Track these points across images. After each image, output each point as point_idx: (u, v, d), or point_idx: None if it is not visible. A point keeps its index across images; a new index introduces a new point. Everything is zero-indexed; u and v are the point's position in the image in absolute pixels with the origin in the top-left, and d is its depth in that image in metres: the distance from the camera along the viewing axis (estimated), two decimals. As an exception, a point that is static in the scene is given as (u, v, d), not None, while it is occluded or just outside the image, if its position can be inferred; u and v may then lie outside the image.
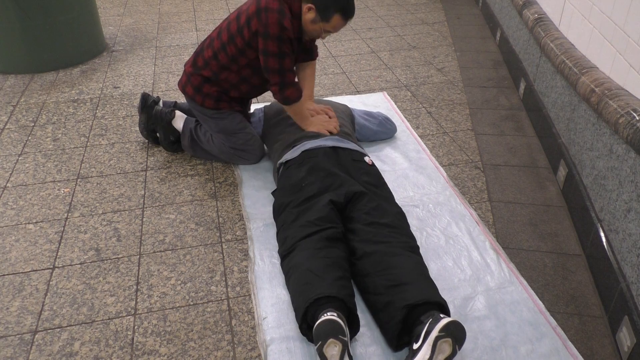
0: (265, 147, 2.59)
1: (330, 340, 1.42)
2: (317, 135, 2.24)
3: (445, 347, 1.41)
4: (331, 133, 2.30)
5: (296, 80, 2.29)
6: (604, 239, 1.90)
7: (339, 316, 1.47)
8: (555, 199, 2.33)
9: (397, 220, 1.88)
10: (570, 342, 1.64)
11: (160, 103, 2.68)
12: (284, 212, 1.95)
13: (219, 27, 2.34)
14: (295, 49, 2.30)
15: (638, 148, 1.68)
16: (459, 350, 1.46)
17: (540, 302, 1.77)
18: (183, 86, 2.44)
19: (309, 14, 2.16)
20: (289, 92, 2.26)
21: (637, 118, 1.73)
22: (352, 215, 1.90)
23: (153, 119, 2.58)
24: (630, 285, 1.67)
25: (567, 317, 1.75)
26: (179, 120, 2.54)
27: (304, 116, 2.35)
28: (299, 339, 1.63)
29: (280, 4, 2.13)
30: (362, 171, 2.08)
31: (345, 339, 1.44)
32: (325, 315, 1.47)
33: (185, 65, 2.46)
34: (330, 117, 2.41)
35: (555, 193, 2.37)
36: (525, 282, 1.85)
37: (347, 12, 2.17)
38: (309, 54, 2.49)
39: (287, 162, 2.14)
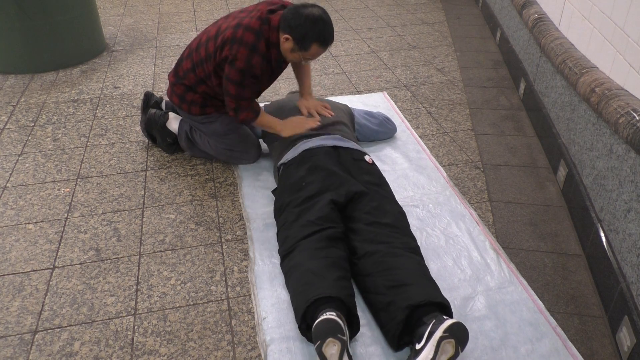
0: (265, 146, 2.59)
1: (329, 339, 1.42)
2: (317, 134, 2.24)
3: (449, 347, 1.41)
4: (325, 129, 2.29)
5: (252, 103, 2.29)
6: (604, 239, 1.90)
7: (338, 316, 1.47)
8: (555, 199, 2.33)
9: (398, 220, 1.88)
10: (570, 342, 1.64)
11: (163, 104, 2.69)
12: (285, 211, 1.95)
13: (199, 40, 2.32)
14: (271, 75, 2.33)
15: (638, 148, 1.68)
16: (461, 352, 1.46)
17: (540, 302, 1.77)
18: (170, 96, 2.46)
19: (286, 44, 2.15)
20: (244, 115, 2.27)
21: (637, 118, 1.73)
22: (353, 214, 1.90)
23: (148, 123, 2.59)
24: (630, 285, 1.67)
25: (567, 317, 1.76)
26: (174, 122, 2.54)
27: (272, 126, 2.33)
28: (299, 339, 1.63)
29: (256, 37, 2.12)
30: (363, 170, 2.07)
31: (344, 338, 1.44)
32: (324, 315, 1.47)
33: (168, 76, 2.47)
34: (316, 116, 2.40)
35: (555, 193, 2.37)
36: (525, 282, 1.85)
37: (325, 41, 2.13)
38: None
39: (287, 161, 2.14)
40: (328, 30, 2.11)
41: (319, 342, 1.43)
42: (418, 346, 1.45)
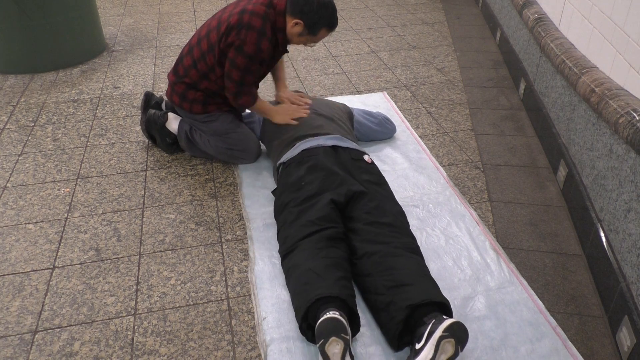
0: (264, 146, 2.59)
1: (333, 338, 1.42)
2: (316, 134, 2.24)
3: (448, 347, 1.41)
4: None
5: (252, 88, 2.34)
6: (604, 239, 1.90)
7: (341, 315, 1.48)
8: (555, 199, 2.33)
9: (397, 220, 1.88)
10: (570, 342, 1.64)
11: (163, 104, 2.68)
12: (285, 211, 1.95)
13: (198, 35, 2.33)
14: (278, 56, 2.36)
15: (638, 148, 1.68)
16: (461, 351, 1.46)
17: (540, 302, 1.77)
18: (169, 96, 2.46)
19: (295, 28, 2.18)
20: (244, 100, 2.32)
21: (637, 118, 1.73)
22: (353, 214, 1.90)
23: (147, 123, 2.59)
24: (630, 285, 1.67)
25: (567, 317, 1.76)
26: (173, 122, 2.53)
27: (266, 111, 2.40)
28: (299, 339, 1.63)
29: (263, 22, 2.14)
30: (362, 170, 2.08)
31: (347, 337, 1.45)
32: (327, 314, 1.47)
33: (168, 75, 2.47)
34: (301, 104, 2.45)
35: (555, 193, 2.37)
36: (525, 282, 1.85)
37: (333, 25, 2.21)
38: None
39: (286, 161, 2.14)
40: (336, 15, 2.20)
41: (322, 340, 1.43)
42: (418, 346, 1.45)
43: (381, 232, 1.81)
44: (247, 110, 2.73)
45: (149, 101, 2.64)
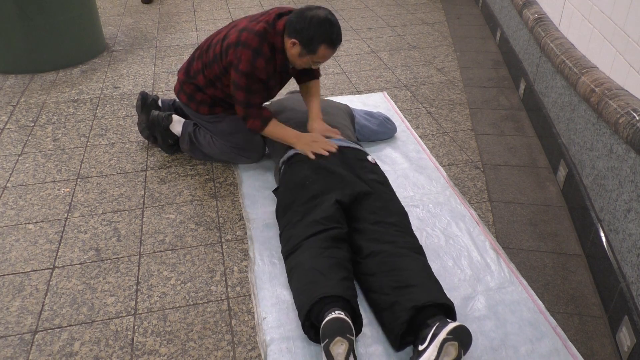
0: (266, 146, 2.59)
1: (338, 338, 1.42)
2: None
3: (452, 350, 1.42)
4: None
5: (261, 110, 2.22)
6: (604, 239, 1.90)
7: (345, 315, 1.48)
8: (555, 199, 2.33)
9: (401, 220, 1.89)
10: (570, 342, 1.64)
11: (159, 102, 2.68)
12: (289, 211, 1.94)
13: (210, 40, 2.31)
14: (280, 81, 2.30)
15: (638, 148, 1.68)
16: (464, 355, 1.46)
17: (540, 302, 1.77)
18: (177, 93, 2.46)
19: (294, 49, 2.09)
20: (250, 124, 2.22)
21: (637, 118, 1.73)
22: (358, 214, 1.90)
23: (150, 124, 2.58)
24: (630, 285, 1.67)
25: (567, 317, 1.76)
26: (177, 125, 2.53)
27: (284, 136, 2.22)
28: (299, 339, 1.63)
29: (260, 41, 2.09)
30: (368, 170, 2.07)
31: (352, 338, 1.45)
32: (332, 313, 1.47)
33: (178, 72, 2.46)
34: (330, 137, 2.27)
35: (555, 193, 2.37)
36: (525, 282, 1.85)
37: (333, 41, 2.06)
38: (310, 74, 2.42)
39: (290, 157, 2.14)
40: (335, 30, 2.06)
41: (327, 340, 1.43)
42: (421, 347, 1.45)
43: (387, 232, 1.81)
44: None
45: (146, 101, 2.64)
